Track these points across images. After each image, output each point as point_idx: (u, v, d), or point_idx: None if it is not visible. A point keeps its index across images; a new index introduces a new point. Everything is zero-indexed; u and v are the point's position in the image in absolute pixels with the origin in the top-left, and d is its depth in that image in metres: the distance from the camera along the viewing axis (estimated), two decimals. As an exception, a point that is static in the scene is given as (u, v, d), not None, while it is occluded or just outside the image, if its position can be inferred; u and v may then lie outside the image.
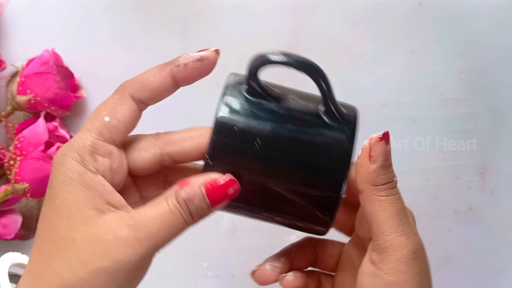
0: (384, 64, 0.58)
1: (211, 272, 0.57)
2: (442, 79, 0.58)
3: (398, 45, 0.58)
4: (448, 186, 0.59)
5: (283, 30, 0.58)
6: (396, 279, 0.34)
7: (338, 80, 0.57)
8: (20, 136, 0.53)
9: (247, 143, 0.35)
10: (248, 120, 0.35)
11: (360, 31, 0.58)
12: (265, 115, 0.35)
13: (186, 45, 0.57)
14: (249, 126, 0.35)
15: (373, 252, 0.35)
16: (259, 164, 0.35)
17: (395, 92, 0.57)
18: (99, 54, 0.57)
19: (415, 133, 0.58)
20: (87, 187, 0.32)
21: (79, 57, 0.56)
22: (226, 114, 0.35)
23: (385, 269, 0.34)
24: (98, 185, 0.32)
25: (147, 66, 0.58)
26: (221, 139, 0.35)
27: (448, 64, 0.59)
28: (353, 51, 0.58)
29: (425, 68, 0.58)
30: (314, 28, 0.58)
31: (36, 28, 0.57)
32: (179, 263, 0.57)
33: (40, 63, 0.53)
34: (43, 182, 0.51)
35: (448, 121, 0.58)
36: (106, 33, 0.57)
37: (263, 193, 0.36)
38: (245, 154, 0.35)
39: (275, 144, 0.35)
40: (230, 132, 0.35)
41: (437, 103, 0.58)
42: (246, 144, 0.35)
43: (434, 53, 0.58)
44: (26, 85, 0.53)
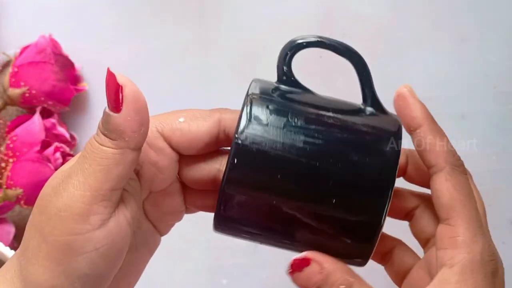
0: (429, 52, 0.57)
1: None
2: (496, 70, 0.58)
3: (445, 31, 0.57)
4: (502, 192, 0.57)
5: (314, 13, 0.57)
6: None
7: (375, 71, 0.56)
8: (12, 135, 0.52)
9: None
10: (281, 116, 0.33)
11: (401, 15, 0.57)
12: (301, 103, 0.34)
13: (202, 31, 0.56)
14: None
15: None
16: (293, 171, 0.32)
17: (442, 85, 0.56)
18: (102, 41, 0.56)
19: (464, 131, 0.58)
20: None
21: (80, 44, 0.56)
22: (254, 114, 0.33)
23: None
24: None
25: (157, 54, 0.56)
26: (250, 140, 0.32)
27: (502, 53, 0.58)
28: (394, 38, 0.57)
29: (476, 57, 0.57)
30: (349, 11, 0.57)
31: (31, 11, 0.56)
32: (196, 280, 0.55)
33: (35, 51, 0.52)
34: (38, 187, 0.49)
35: (503, 117, 0.56)
36: (110, 17, 0.57)
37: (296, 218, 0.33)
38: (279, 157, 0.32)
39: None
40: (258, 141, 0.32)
41: (490, 97, 0.57)
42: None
43: (487, 40, 0.58)
44: (20, 76, 0.52)
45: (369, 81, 0.36)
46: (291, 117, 0.33)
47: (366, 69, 0.36)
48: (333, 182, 0.32)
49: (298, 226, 0.33)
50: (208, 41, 0.55)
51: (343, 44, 0.35)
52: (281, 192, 0.32)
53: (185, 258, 0.54)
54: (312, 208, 0.33)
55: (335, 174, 0.32)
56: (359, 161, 0.32)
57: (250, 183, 0.32)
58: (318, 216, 0.33)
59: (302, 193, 0.32)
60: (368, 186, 0.32)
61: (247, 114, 0.33)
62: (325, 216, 0.33)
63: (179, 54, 0.55)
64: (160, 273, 0.53)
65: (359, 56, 0.36)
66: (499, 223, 0.57)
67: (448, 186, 0.34)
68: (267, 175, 0.32)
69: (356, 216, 0.33)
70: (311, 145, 0.32)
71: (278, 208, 0.32)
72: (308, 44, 0.35)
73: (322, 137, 0.33)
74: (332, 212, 0.32)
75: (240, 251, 0.55)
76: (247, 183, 0.32)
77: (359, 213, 0.33)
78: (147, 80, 0.55)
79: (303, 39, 0.35)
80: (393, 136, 0.34)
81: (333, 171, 0.32)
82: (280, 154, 0.32)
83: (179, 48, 0.55)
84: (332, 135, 0.33)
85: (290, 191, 0.32)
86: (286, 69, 0.35)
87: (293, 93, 0.35)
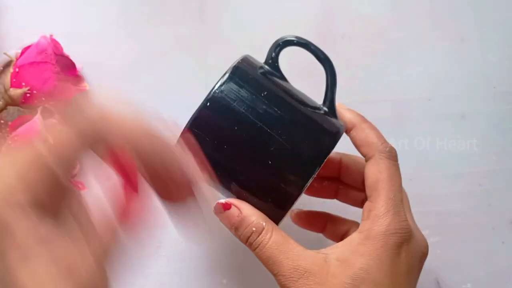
0: (429, 52, 0.56)
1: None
2: (496, 70, 0.57)
3: (445, 31, 0.57)
4: (502, 192, 0.57)
5: (314, 13, 0.56)
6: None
7: (375, 71, 0.59)
8: (14, 135, 0.51)
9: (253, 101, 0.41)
10: (258, 82, 0.42)
11: (401, 14, 0.57)
12: (274, 84, 0.42)
13: (202, 30, 0.55)
14: (257, 85, 0.41)
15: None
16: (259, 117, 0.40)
17: (442, 85, 0.55)
18: (103, 42, 0.56)
19: (464, 131, 0.56)
20: None
21: (81, 44, 0.55)
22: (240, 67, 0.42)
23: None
24: None
25: (158, 54, 0.56)
26: (232, 87, 0.41)
27: (502, 53, 0.57)
28: (393, 38, 0.56)
29: (476, 57, 0.57)
30: (349, 11, 0.56)
31: (32, 11, 0.56)
32: (195, 280, 0.54)
33: (36, 51, 0.51)
34: None
35: (503, 117, 0.55)
36: (111, 17, 0.56)
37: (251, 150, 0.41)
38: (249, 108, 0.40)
39: (276, 108, 0.41)
40: (240, 84, 0.41)
41: (490, 97, 0.56)
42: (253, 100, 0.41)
43: (487, 40, 0.57)
44: (21, 76, 0.51)
45: (334, 87, 0.43)
46: (262, 89, 0.41)
47: (335, 78, 0.43)
48: (274, 148, 0.40)
49: (235, 175, 0.41)
50: (208, 41, 0.55)
51: (324, 53, 0.43)
52: (232, 141, 0.40)
53: (185, 258, 0.53)
54: (251, 163, 0.40)
55: (277, 143, 0.40)
56: (299, 141, 0.40)
57: (212, 126, 0.40)
58: (253, 171, 0.40)
59: (248, 148, 0.40)
60: (298, 163, 0.40)
61: (230, 74, 0.41)
62: (258, 173, 0.41)
63: (179, 54, 0.55)
64: (160, 273, 0.53)
65: (332, 66, 0.43)
66: (499, 223, 0.56)
67: (374, 170, 0.41)
68: (227, 124, 0.40)
69: (281, 182, 0.40)
70: (268, 115, 0.40)
71: (225, 154, 0.40)
72: (297, 43, 0.43)
73: (279, 112, 0.41)
74: (264, 172, 0.40)
75: (240, 251, 0.54)
76: (210, 125, 0.40)
77: (284, 181, 0.40)
78: (147, 80, 0.55)
79: (295, 38, 0.43)
80: (332, 134, 0.42)
81: (277, 140, 0.40)
82: (242, 112, 0.40)
83: (179, 48, 0.55)
84: (287, 114, 0.41)
85: (240, 142, 0.40)
86: (274, 55, 0.43)
87: (271, 74, 0.43)
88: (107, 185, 0.53)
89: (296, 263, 0.39)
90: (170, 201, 0.34)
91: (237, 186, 0.41)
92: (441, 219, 0.45)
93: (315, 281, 0.38)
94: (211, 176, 0.40)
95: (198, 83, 0.54)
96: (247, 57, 0.43)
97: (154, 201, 0.54)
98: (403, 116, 0.55)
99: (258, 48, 0.54)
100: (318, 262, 0.39)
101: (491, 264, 0.55)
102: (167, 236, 0.54)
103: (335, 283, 0.38)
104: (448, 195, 0.55)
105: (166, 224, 0.54)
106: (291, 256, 0.39)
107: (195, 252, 0.53)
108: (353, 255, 0.39)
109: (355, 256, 0.39)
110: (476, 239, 0.55)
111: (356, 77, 0.55)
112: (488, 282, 0.55)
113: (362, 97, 0.54)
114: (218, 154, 0.40)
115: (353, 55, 0.55)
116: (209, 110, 0.40)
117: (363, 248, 0.39)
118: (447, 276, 0.54)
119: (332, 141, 0.41)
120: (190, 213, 0.35)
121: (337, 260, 0.39)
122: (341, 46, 0.55)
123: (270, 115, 0.40)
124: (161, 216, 0.54)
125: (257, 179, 0.41)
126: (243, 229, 0.41)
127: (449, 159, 0.55)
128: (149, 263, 0.53)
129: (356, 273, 0.38)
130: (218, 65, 0.54)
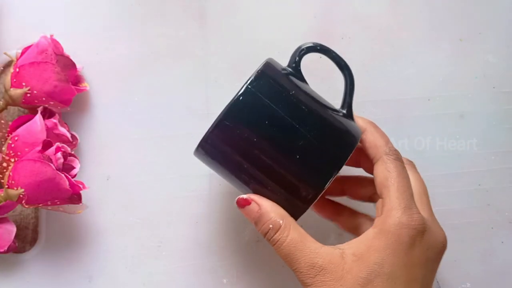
0: (428, 52, 0.56)
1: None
2: (495, 70, 0.57)
3: (444, 31, 0.57)
4: (501, 192, 0.57)
5: (313, 13, 0.56)
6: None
7: (375, 71, 0.57)
8: (14, 135, 0.51)
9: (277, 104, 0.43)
10: (282, 86, 0.44)
11: (400, 15, 0.57)
12: (299, 84, 0.45)
13: (203, 31, 0.55)
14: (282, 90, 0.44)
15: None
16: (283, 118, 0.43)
17: (441, 85, 0.55)
18: (104, 42, 0.55)
19: (464, 131, 0.56)
20: None
21: (82, 44, 0.55)
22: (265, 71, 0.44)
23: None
24: None
25: (158, 55, 0.56)
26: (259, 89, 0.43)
27: (501, 53, 0.57)
28: (393, 38, 0.56)
29: (475, 57, 0.57)
30: (349, 11, 0.56)
31: (32, 11, 0.55)
32: (195, 280, 0.54)
33: (37, 51, 0.51)
34: (40, 187, 0.49)
35: (502, 117, 0.55)
36: (111, 17, 0.56)
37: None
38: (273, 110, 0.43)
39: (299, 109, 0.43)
40: (266, 88, 0.43)
41: (489, 97, 0.56)
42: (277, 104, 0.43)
43: (486, 40, 0.57)
44: (21, 76, 0.51)
45: (352, 93, 0.46)
46: (290, 87, 0.44)
47: (353, 84, 0.46)
48: (302, 143, 0.42)
49: (262, 169, 0.43)
50: (208, 42, 0.55)
51: (344, 61, 0.46)
52: (263, 135, 0.42)
53: (185, 258, 0.53)
54: (279, 156, 0.42)
55: (306, 138, 0.42)
56: (326, 138, 0.43)
57: (244, 120, 0.42)
58: (280, 165, 0.42)
59: (277, 142, 0.42)
60: (324, 158, 0.43)
61: (261, 71, 0.43)
62: (285, 167, 0.43)
63: (180, 54, 0.55)
64: (160, 273, 0.53)
65: (351, 73, 0.46)
66: (499, 223, 0.56)
67: (382, 169, 0.44)
68: (259, 118, 0.42)
69: (306, 177, 0.43)
70: (297, 112, 0.43)
71: (254, 147, 0.42)
72: (320, 50, 0.46)
73: (307, 110, 0.43)
74: (291, 166, 0.42)
75: (240, 251, 0.55)
76: (242, 118, 0.42)
77: (310, 175, 0.43)
78: (147, 80, 0.55)
79: (319, 45, 0.46)
80: (354, 133, 0.44)
81: (305, 136, 0.42)
82: (273, 107, 0.42)
83: (179, 48, 0.55)
84: (314, 112, 0.44)
85: (270, 136, 0.42)
86: (297, 59, 0.45)
87: (295, 77, 0.45)
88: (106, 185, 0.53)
89: (313, 261, 0.41)
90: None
91: (262, 180, 0.43)
92: (441, 218, 0.45)
93: (331, 277, 0.40)
94: (239, 169, 0.43)
95: (198, 84, 0.54)
96: (272, 60, 0.46)
97: (154, 200, 0.54)
98: (403, 116, 0.55)
99: (258, 48, 0.54)
100: (334, 259, 0.41)
101: (491, 264, 0.55)
102: (167, 236, 0.54)
103: (351, 278, 0.40)
104: (447, 194, 0.55)
105: (166, 224, 0.54)
106: (308, 253, 0.41)
107: (195, 252, 0.53)
108: (368, 250, 0.41)
109: (369, 251, 0.41)
110: (475, 239, 0.55)
111: (356, 77, 0.55)
112: (488, 282, 0.55)
113: (362, 97, 0.54)
114: (248, 146, 0.42)
115: (352, 55, 0.55)
116: (241, 103, 0.42)
117: (377, 242, 0.41)
118: (447, 275, 0.54)
119: (354, 140, 0.44)
120: None
121: (353, 255, 0.41)
122: (341, 46, 0.55)
123: (299, 112, 0.43)
124: (162, 216, 0.54)
125: (284, 173, 0.43)
126: (261, 225, 0.43)
127: (448, 158, 0.55)
128: (149, 263, 0.53)
129: (371, 268, 0.40)
130: (218, 65, 0.54)
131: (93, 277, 0.53)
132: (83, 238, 0.53)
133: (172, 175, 0.54)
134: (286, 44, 0.54)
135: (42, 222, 0.53)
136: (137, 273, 0.53)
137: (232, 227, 0.54)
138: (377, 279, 0.40)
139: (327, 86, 0.54)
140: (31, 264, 0.53)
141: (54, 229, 0.53)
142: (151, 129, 0.54)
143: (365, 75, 0.55)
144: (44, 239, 0.53)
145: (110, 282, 0.53)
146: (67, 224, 0.53)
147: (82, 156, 0.54)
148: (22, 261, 0.53)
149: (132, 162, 0.54)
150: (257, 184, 0.44)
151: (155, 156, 0.54)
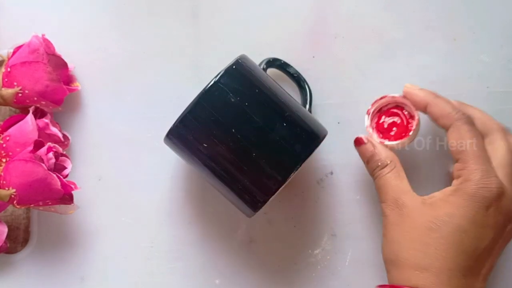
0: (421, 52, 0.56)
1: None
2: (489, 70, 0.56)
3: (437, 31, 0.56)
4: None
5: (306, 13, 0.56)
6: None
7: (368, 71, 0.57)
8: (5, 135, 0.51)
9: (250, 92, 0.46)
10: (255, 81, 0.47)
11: (393, 14, 0.56)
12: (269, 82, 0.48)
13: (195, 30, 0.55)
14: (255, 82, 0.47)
15: None
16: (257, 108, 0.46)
17: (434, 85, 0.53)
18: (95, 41, 0.56)
19: None
20: None
21: (73, 44, 0.55)
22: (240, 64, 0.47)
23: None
24: None
25: (150, 54, 0.56)
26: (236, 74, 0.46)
27: (495, 53, 0.56)
28: (386, 38, 0.56)
29: (469, 57, 0.56)
30: (342, 11, 0.56)
31: (24, 11, 0.56)
32: (187, 280, 0.54)
33: (28, 51, 0.51)
34: (31, 187, 0.49)
35: (496, 117, 0.53)
36: (103, 17, 0.56)
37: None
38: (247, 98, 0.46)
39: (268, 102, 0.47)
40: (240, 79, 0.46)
41: (483, 97, 0.56)
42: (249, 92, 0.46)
43: (480, 39, 0.56)
44: (13, 76, 0.51)
45: (311, 102, 0.53)
46: (258, 86, 0.46)
47: (311, 98, 0.53)
48: (265, 137, 0.45)
49: (227, 159, 0.46)
50: (201, 40, 0.55)
51: (302, 77, 0.53)
52: (228, 126, 0.45)
53: (178, 258, 0.53)
54: (244, 146, 0.45)
55: (268, 134, 0.45)
56: (287, 136, 0.46)
57: (210, 111, 0.44)
58: (244, 155, 0.45)
59: (241, 134, 0.45)
60: (284, 154, 0.46)
61: (231, 68, 0.46)
62: (248, 160, 0.45)
63: (172, 53, 0.55)
64: (153, 273, 0.53)
65: (311, 93, 0.53)
66: None
67: (455, 135, 0.47)
68: (225, 111, 0.45)
69: (267, 169, 0.46)
70: (263, 109, 0.46)
71: (222, 139, 0.45)
72: (281, 66, 0.53)
73: (272, 108, 0.46)
74: (253, 158, 0.45)
75: (233, 251, 0.54)
76: (209, 110, 0.44)
77: (270, 168, 0.46)
78: (139, 79, 0.54)
79: (278, 61, 0.53)
80: (320, 136, 0.48)
81: (267, 131, 0.45)
82: (239, 104, 0.45)
83: (172, 47, 0.54)
84: (279, 110, 0.46)
85: (234, 129, 0.45)
86: (265, 67, 0.51)
87: (264, 76, 0.48)
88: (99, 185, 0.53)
89: (398, 196, 0.47)
90: None
91: (226, 169, 0.46)
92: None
93: (406, 215, 0.46)
94: (208, 157, 0.46)
95: (191, 82, 0.54)
96: (244, 56, 0.48)
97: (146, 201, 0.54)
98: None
99: (251, 47, 0.54)
100: (414, 202, 0.46)
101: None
102: (160, 236, 0.53)
103: (421, 220, 0.45)
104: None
105: (159, 224, 0.54)
106: (396, 191, 0.47)
107: (188, 252, 0.53)
108: (443, 202, 0.46)
109: (444, 203, 0.46)
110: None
111: (349, 77, 0.55)
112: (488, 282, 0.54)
113: (355, 97, 0.54)
114: (215, 139, 0.45)
115: (346, 55, 0.55)
116: (208, 98, 0.45)
117: (452, 198, 0.45)
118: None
119: (323, 131, 0.48)
120: None
121: (430, 205, 0.46)
122: (334, 46, 0.55)
123: (265, 109, 0.46)
124: (154, 216, 0.54)
125: (243, 167, 0.46)
126: (372, 162, 0.49)
127: (448, 158, 0.53)
128: (142, 263, 0.53)
129: (440, 216, 0.45)
130: (211, 64, 0.54)
131: (85, 277, 0.53)
132: (74, 239, 0.53)
133: (164, 175, 0.54)
134: (278, 44, 0.54)
135: (33, 223, 0.53)
136: (129, 273, 0.53)
137: (225, 228, 0.54)
138: (445, 227, 0.44)
139: (319, 86, 0.54)
140: (23, 264, 0.53)
141: (46, 229, 0.53)
142: (143, 129, 0.54)
143: (358, 75, 0.55)
144: (35, 239, 0.53)
145: (102, 282, 0.53)
146: (58, 224, 0.53)
147: (74, 156, 0.53)
148: (13, 262, 0.53)
149: (124, 162, 0.54)
150: (222, 172, 0.47)
151: (147, 156, 0.54)
